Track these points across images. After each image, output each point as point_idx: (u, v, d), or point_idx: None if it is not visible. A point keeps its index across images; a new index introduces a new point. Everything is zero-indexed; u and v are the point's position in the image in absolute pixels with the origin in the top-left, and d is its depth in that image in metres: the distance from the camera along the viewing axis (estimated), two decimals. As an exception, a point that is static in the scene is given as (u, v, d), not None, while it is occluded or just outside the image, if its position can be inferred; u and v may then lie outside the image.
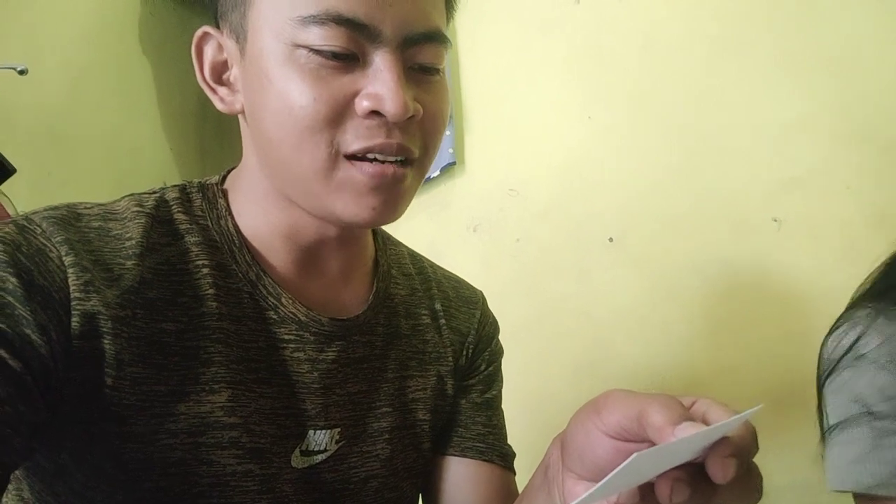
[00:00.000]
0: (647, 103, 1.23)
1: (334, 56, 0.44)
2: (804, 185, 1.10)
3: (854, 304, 0.76)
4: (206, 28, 0.51)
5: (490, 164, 1.39)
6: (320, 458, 0.53)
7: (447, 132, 1.38)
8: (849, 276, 0.98)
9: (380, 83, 0.44)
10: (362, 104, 0.45)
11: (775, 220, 1.12)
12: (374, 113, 0.45)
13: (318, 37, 0.44)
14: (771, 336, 1.09)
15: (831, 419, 0.70)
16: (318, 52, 0.44)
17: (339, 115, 0.45)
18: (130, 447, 0.44)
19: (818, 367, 0.76)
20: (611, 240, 1.24)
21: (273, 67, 0.45)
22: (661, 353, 1.17)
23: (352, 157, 0.46)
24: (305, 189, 0.48)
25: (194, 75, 0.52)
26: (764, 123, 1.13)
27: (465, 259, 1.37)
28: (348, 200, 0.47)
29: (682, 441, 0.30)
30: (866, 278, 0.78)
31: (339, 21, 0.43)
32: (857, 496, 0.70)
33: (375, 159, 0.46)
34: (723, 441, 0.32)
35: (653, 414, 0.32)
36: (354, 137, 0.45)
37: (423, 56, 0.47)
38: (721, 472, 0.31)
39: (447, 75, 0.52)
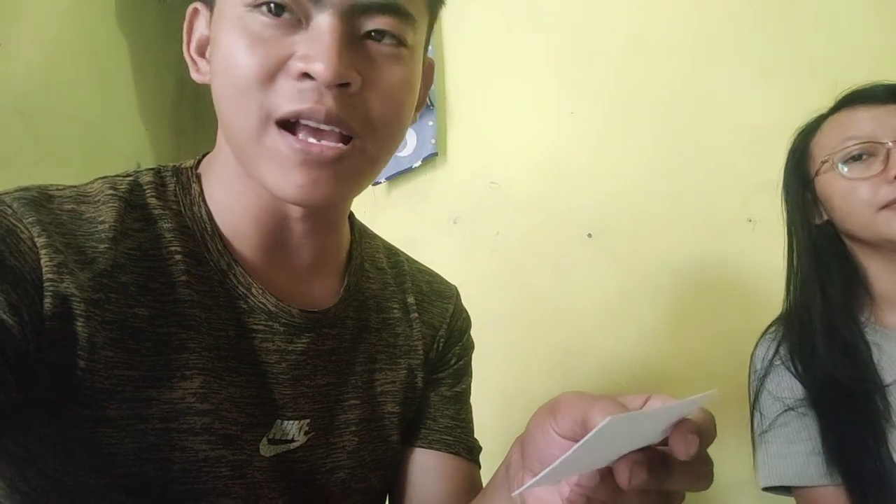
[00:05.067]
0: (628, 102, 1.23)
1: (273, 12, 0.44)
2: (778, 187, 1.11)
3: (775, 319, 0.86)
4: (197, 4, 0.51)
5: (472, 156, 1.39)
6: (288, 447, 0.53)
7: (429, 123, 1.39)
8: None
9: (314, 45, 0.43)
10: (296, 65, 0.44)
11: (750, 221, 1.14)
12: (306, 76, 0.44)
13: None
14: (741, 332, 1.10)
15: (765, 420, 0.77)
16: (258, 7, 0.44)
17: (271, 75, 0.44)
18: (102, 432, 0.44)
19: (749, 374, 0.82)
20: (589, 235, 1.24)
21: (223, 31, 0.46)
22: (634, 347, 1.18)
23: (284, 126, 0.45)
24: (242, 153, 0.47)
25: (172, 54, 0.51)
26: (742, 126, 1.14)
27: (445, 250, 1.36)
28: (276, 173, 0.45)
29: (646, 415, 0.31)
30: None
31: None
32: (794, 493, 0.76)
33: (307, 126, 0.45)
34: (684, 421, 0.33)
35: (594, 417, 0.33)
36: (284, 99, 0.44)
37: (373, 23, 0.46)
38: (684, 447, 0.32)
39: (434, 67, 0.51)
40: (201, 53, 0.52)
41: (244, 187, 0.51)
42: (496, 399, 1.24)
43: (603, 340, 1.21)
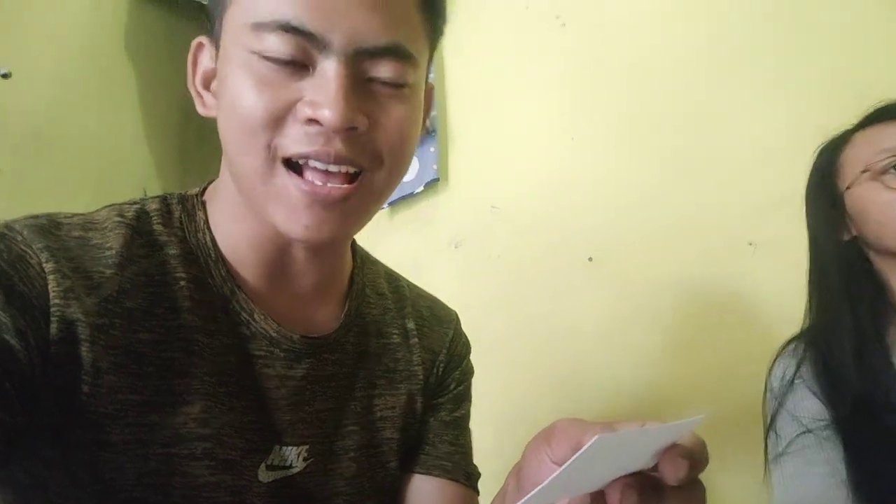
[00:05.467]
0: (629, 126, 1.25)
1: (283, 63, 0.45)
2: (780, 211, 1.12)
3: (792, 338, 0.85)
4: (202, 39, 0.52)
5: (473, 180, 1.41)
6: (286, 473, 0.53)
7: (431, 149, 1.41)
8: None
9: (321, 91, 0.45)
10: (304, 110, 0.45)
11: (751, 244, 1.14)
12: (314, 121, 0.45)
13: (269, 43, 0.45)
14: (742, 355, 1.10)
15: (781, 441, 0.75)
16: (267, 58, 0.45)
17: (279, 118, 0.45)
18: (105, 456, 0.44)
19: (765, 393, 0.81)
20: (590, 259, 1.25)
21: (231, 72, 0.47)
22: (634, 371, 1.18)
23: (291, 166, 0.46)
24: (249, 191, 0.49)
25: (179, 82, 0.53)
26: (742, 148, 1.15)
27: (447, 274, 1.37)
28: (283, 212, 0.47)
29: (634, 436, 0.32)
30: None
31: (288, 29, 0.44)
32: None
33: (315, 168, 0.46)
34: (675, 446, 0.33)
35: (588, 442, 0.33)
36: (293, 141, 0.46)
37: (378, 70, 0.47)
38: (673, 471, 0.32)
39: (433, 94, 0.52)
40: (206, 87, 0.53)
41: (247, 216, 0.52)
42: (495, 422, 1.23)
43: (603, 364, 1.20)
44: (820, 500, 0.73)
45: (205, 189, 0.57)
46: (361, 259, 0.65)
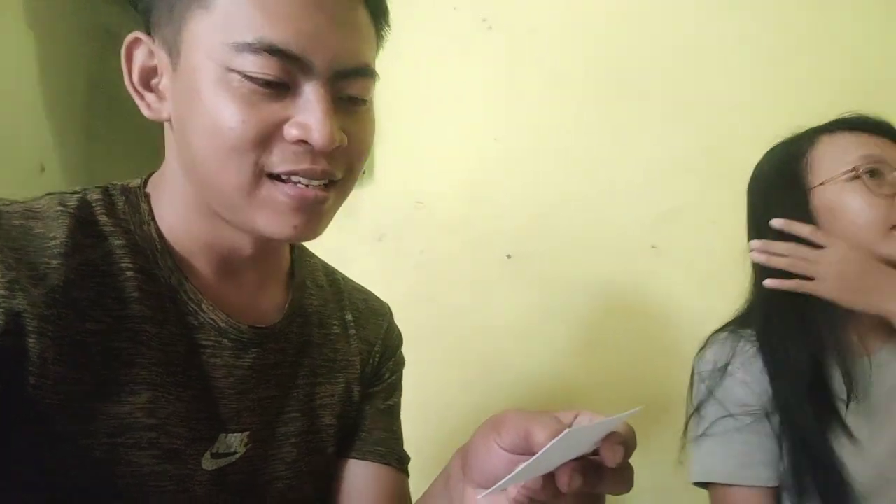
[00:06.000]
0: (549, 131, 1.32)
1: (266, 84, 0.46)
2: (679, 218, 1.24)
3: (721, 328, 0.89)
4: (138, 34, 0.51)
5: (399, 175, 1.43)
6: (229, 460, 0.53)
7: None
8: (712, 301, 1.11)
9: (309, 114, 0.47)
10: (291, 132, 0.47)
11: (653, 248, 1.25)
12: (302, 141, 0.47)
13: (252, 64, 0.45)
14: (646, 351, 1.21)
15: (703, 423, 0.82)
16: (250, 78, 0.45)
17: (266, 138, 0.47)
18: (50, 448, 0.44)
19: (691, 378, 0.88)
20: (509, 256, 1.31)
21: (205, 86, 0.46)
22: (549, 364, 1.25)
23: (275, 177, 0.48)
24: (228, 203, 0.49)
25: (84, 53, 0.50)
26: (649, 160, 1.26)
27: (370, 267, 1.38)
28: (270, 217, 0.49)
29: (587, 429, 0.37)
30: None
31: (273, 51, 0.45)
32: (711, 490, 0.82)
33: (299, 182, 0.48)
34: (612, 434, 0.39)
35: (536, 432, 0.39)
36: (280, 160, 0.47)
37: (351, 88, 0.50)
38: (612, 456, 0.38)
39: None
40: (146, 86, 0.51)
41: (198, 216, 0.53)
42: (415, 412, 1.26)
43: (519, 357, 1.27)
44: (732, 477, 0.79)
45: (146, 181, 0.56)
46: (299, 252, 0.66)
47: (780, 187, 0.88)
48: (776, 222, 0.83)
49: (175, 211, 0.53)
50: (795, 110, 0.94)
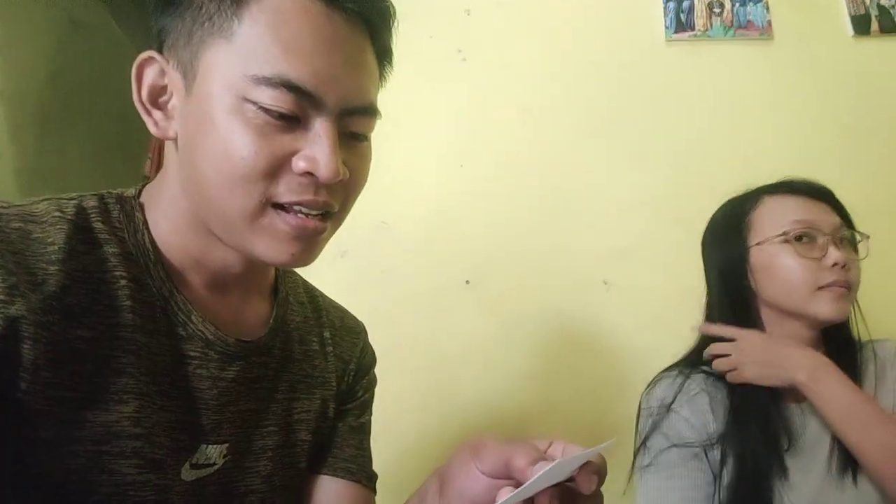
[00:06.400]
0: (513, 162, 1.37)
1: (280, 116, 0.48)
2: (631, 256, 1.31)
3: (670, 367, 0.96)
4: (151, 53, 0.52)
5: (365, 194, 1.44)
6: (208, 471, 0.54)
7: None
8: (659, 336, 1.17)
9: (318, 148, 0.49)
10: (299, 164, 0.49)
11: (605, 283, 1.31)
12: (308, 173, 0.49)
13: (268, 97, 0.47)
14: (594, 380, 1.26)
15: (649, 454, 0.88)
16: (266, 110, 0.47)
17: (275, 169, 0.49)
18: (34, 453, 0.43)
19: (638, 413, 0.94)
20: (467, 282, 1.35)
21: (219, 113, 0.48)
22: (500, 390, 1.29)
23: (279, 206, 0.50)
24: (229, 226, 0.51)
25: (45, 39, 0.50)
26: (607, 198, 1.33)
27: (331, 283, 1.37)
28: (269, 244, 0.51)
29: (570, 460, 0.40)
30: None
31: (290, 87, 0.47)
32: None
33: (300, 212, 0.51)
34: (588, 463, 0.42)
35: (517, 459, 0.41)
36: (286, 191, 0.50)
37: (356, 125, 0.53)
38: (588, 484, 0.41)
39: None
40: (154, 103, 0.52)
41: (192, 232, 0.54)
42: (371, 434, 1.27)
43: (472, 383, 1.30)
44: None
45: (140, 191, 0.57)
46: (282, 269, 0.67)
47: (724, 243, 0.97)
48: (701, 328, 0.96)
49: (169, 224, 0.54)
50: (749, 163, 1.03)
